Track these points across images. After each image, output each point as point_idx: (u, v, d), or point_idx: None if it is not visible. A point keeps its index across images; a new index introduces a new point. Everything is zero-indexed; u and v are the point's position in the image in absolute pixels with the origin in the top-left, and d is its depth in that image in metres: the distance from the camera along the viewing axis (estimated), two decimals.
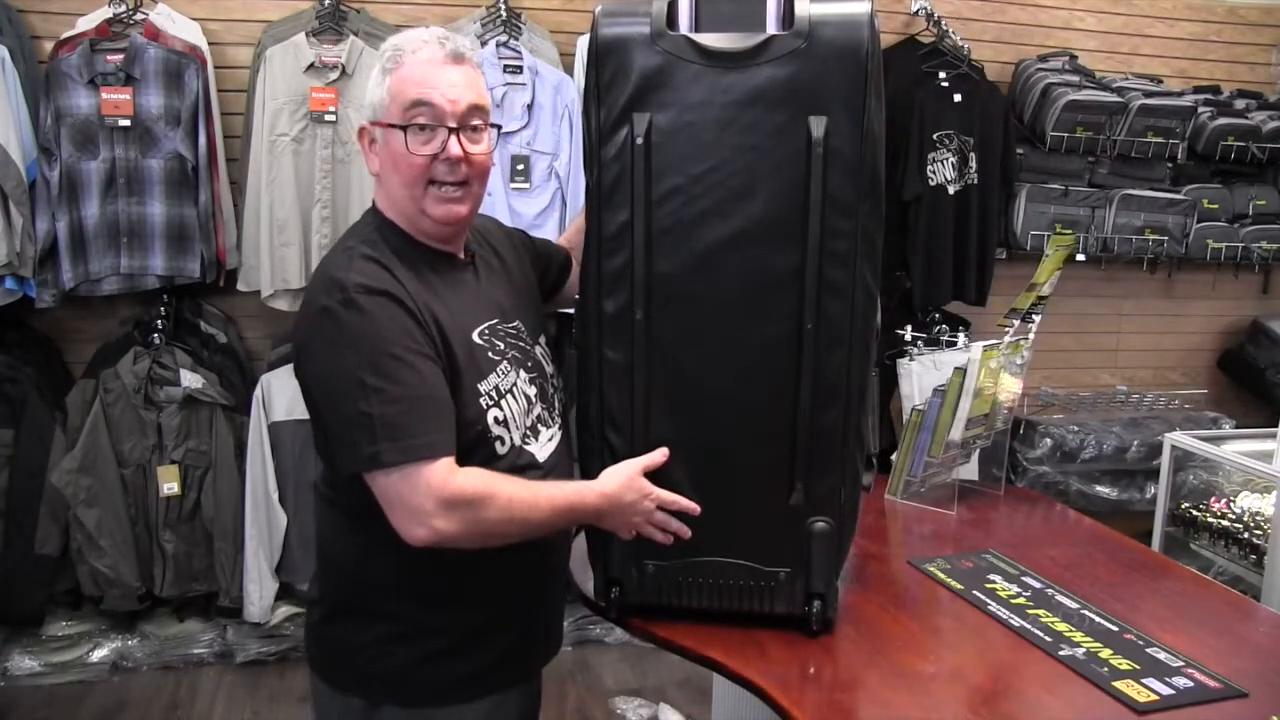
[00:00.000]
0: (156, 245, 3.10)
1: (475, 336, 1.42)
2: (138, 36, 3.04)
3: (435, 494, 1.28)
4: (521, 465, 1.44)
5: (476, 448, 1.38)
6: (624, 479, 1.45)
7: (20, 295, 3.09)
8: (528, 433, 1.47)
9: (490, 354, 1.43)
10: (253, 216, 3.17)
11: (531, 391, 1.48)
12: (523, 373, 1.47)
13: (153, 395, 3.11)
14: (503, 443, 1.41)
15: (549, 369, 1.56)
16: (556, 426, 1.55)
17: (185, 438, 3.14)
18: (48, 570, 3.11)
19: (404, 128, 1.37)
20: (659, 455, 1.48)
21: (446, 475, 1.29)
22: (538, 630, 1.56)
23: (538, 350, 1.54)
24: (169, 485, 3.13)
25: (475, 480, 1.32)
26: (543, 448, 1.49)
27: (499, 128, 1.52)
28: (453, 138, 1.38)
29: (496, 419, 1.40)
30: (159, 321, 3.19)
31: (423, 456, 1.28)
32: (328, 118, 3.14)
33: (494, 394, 1.41)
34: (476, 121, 1.41)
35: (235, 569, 3.22)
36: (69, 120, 2.99)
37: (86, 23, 3.11)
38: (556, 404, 1.56)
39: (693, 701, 3.08)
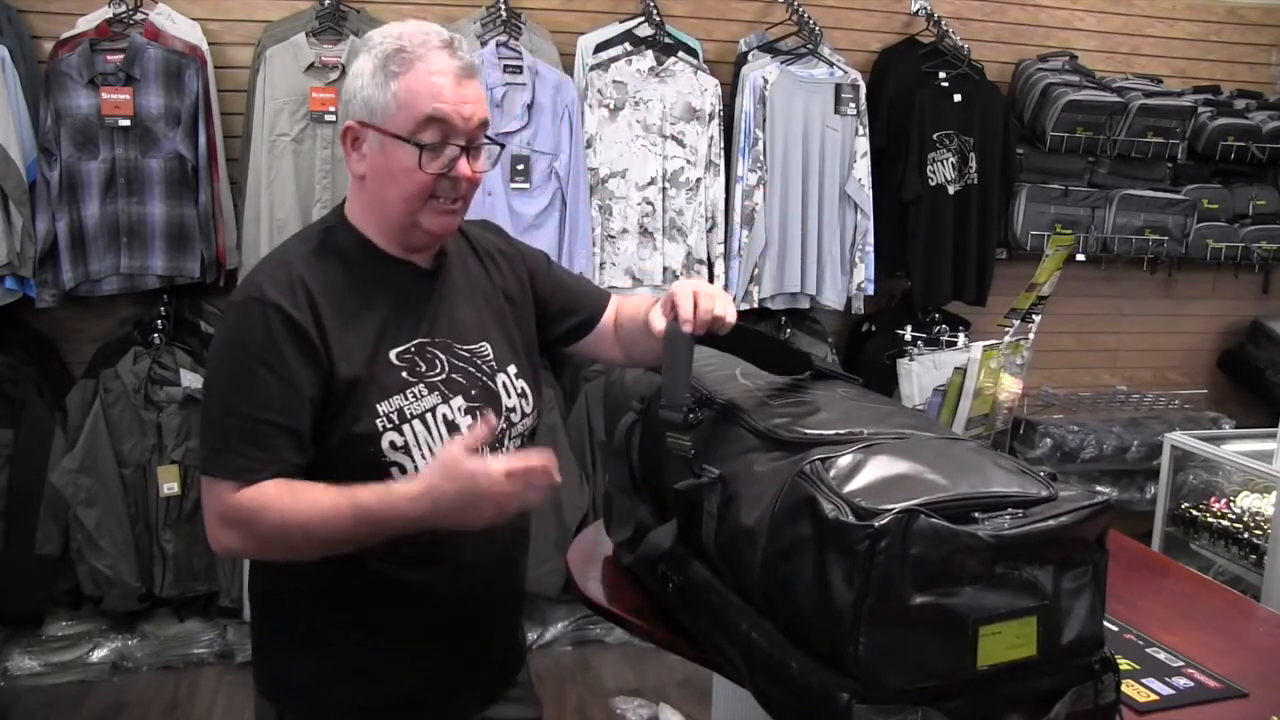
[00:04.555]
0: (156, 245, 3.10)
1: (392, 355, 1.33)
2: (138, 36, 3.03)
3: (220, 509, 1.26)
4: None
5: (369, 470, 1.28)
6: (437, 467, 1.21)
7: (20, 295, 3.09)
8: None
9: (405, 374, 1.34)
10: (253, 216, 3.17)
11: (464, 421, 1.36)
12: (458, 399, 1.36)
13: (153, 395, 3.11)
14: (401, 470, 1.31)
15: (510, 402, 1.42)
16: None
17: (185, 438, 3.13)
18: (48, 570, 3.11)
19: (415, 143, 1.28)
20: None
21: (237, 492, 1.25)
22: (453, 678, 1.46)
23: (500, 379, 1.43)
24: (169, 485, 3.12)
25: (256, 494, 1.25)
26: None
27: (502, 146, 1.48)
28: (463, 158, 1.32)
29: (393, 443, 1.31)
30: (159, 321, 3.19)
31: (233, 476, 1.25)
32: (328, 118, 3.13)
33: (395, 416, 1.31)
34: (482, 139, 1.35)
35: (235, 569, 3.21)
36: (69, 120, 2.99)
37: (86, 23, 3.11)
38: (510, 442, 1.43)
39: (693, 701, 3.08)
